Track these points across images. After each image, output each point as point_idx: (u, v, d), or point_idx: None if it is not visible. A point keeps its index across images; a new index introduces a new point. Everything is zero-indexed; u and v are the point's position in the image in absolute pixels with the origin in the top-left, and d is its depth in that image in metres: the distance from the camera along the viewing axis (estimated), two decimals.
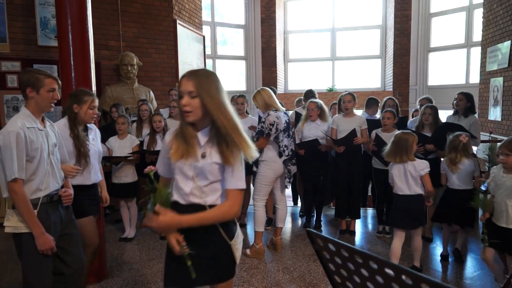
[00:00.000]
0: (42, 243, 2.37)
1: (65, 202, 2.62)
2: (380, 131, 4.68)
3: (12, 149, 2.27)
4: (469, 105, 4.91)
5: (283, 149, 4.16)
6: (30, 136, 2.35)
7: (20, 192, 2.31)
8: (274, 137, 4.09)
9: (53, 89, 2.48)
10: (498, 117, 6.58)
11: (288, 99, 9.97)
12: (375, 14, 10.87)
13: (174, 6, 7.28)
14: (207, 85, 1.77)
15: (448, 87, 9.50)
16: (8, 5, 5.60)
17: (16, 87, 5.70)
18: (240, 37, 11.24)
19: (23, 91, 2.43)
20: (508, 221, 3.09)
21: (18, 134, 2.28)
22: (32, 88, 2.41)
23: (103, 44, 6.42)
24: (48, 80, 2.45)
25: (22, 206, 2.32)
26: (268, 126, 4.03)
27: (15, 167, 2.27)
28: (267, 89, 4.24)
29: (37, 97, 2.43)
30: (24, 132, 2.31)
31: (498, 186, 3.21)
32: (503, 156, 3.11)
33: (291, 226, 5.41)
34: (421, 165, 3.68)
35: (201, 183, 1.85)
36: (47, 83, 2.45)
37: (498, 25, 6.63)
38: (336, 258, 1.15)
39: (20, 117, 2.39)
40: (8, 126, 2.32)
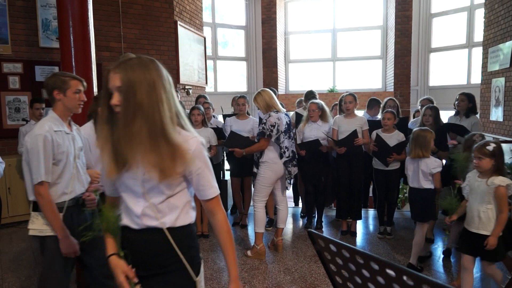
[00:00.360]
0: (66, 247, 2.38)
1: (89, 206, 2.62)
2: (380, 131, 4.68)
3: (39, 152, 2.28)
4: (470, 106, 4.92)
5: (284, 150, 4.15)
6: (57, 140, 2.36)
7: (46, 195, 2.31)
8: (275, 138, 4.09)
9: (79, 90, 2.50)
10: (500, 117, 6.56)
11: (289, 100, 9.98)
12: (375, 14, 10.87)
13: (175, 8, 7.29)
14: (138, 78, 1.44)
15: (450, 88, 9.49)
16: (10, 7, 5.62)
17: (17, 89, 5.71)
18: (240, 38, 11.25)
19: (50, 94, 2.45)
20: (479, 226, 3.02)
21: (46, 137, 2.30)
22: (59, 90, 2.43)
23: (104, 45, 6.43)
24: (74, 81, 2.48)
25: (48, 209, 2.33)
26: (269, 127, 4.03)
27: (41, 170, 2.28)
28: (268, 90, 4.24)
29: (64, 99, 2.45)
30: (51, 136, 2.33)
31: (472, 191, 3.12)
32: (476, 160, 3.01)
33: (292, 227, 5.41)
34: (433, 163, 3.83)
35: (154, 200, 1.52)
36: (73, 85, 2.47)
37: (500, 25, 6.62)
38: (337, 258, 1.15)
39: (48, 120, 2.41)
40: (35, 129, 2.34)
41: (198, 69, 8.28)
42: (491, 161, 2.95)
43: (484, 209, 3.00)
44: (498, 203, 2.95)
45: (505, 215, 2.93)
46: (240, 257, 4.31)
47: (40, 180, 2.28)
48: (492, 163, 2.95)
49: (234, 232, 5.15)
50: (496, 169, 2.96)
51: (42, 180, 2.28)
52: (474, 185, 3.09)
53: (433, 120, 4.51)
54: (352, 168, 4.79)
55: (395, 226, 5.18)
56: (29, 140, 2.31)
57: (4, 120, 5.62)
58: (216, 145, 4.82)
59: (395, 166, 4.70)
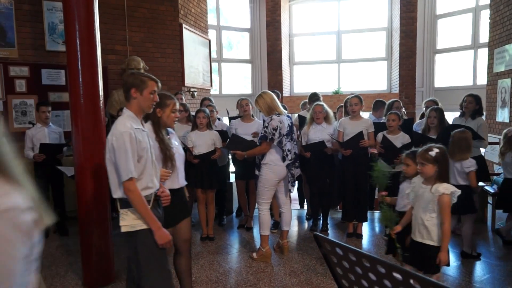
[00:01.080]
0: (160, 237, 2.44)
1: (164, 203, 2.69)
2: (385, 133, 4.67)
3: (127, 150, 2.35)
4: (477, 108, 4.90)
5: (286, 153, 4.12)
6: (138, 137, 2.43)
7: (135, 190, 2.38)
8: (277, 141, 4.08)
9: (154, 91, 2.55)
10: (506, 118, 6.53)
11: (293, 102, 9.98)
12: (380, 16, 10.85)
13: (180, 11, 7.32)
14: None
15: (455, 89, 9.46)
16: (17, 11, 5.66)
17: (24, 92, 5.75)
18: (245, 40, 11.27)
19: (127, 91, 2.52)
20: (424, 235, 2.89)
21: (130, 134, 2.37)
22: (137, 89, 2.49)
23: (109, 48, 6.47)
24: (151, 82, 2.53)
25: (139, 203, 2.39)
26: (271, 131, 4.01)
27: (130, 166, 2.35)
28: (269, 93, 4.20)
29: (140, 98, 2.51)
30: (133, 133, 2.39)
31: (417, 198, 2.97)
32: (419, 165, 2.89)
33: (298, 229, 5.40)
34: (467, 163, 3.96)
35: None
36: (150, 85, 2.52)
37: (505, 26, 6.60)
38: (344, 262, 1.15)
39: (127, 118, 2.48)
40: (118, 127, 2.40)
41: (203, 71, 8.30)
42: (434, 167, 2.82)
43: (428, 218, 2.86)
44: (441, 212, 2.80)
45: (447, 225, 2.79)
46: (246, 260, 4.30)
47: (130, 177, 2.35)
48: (435, 169, 2.82)
49: (239, 235, 5.16)
50: (439, 176, 2.83)
51: (131, 176, 2.35)
52: (419, 192, 2.95)
53: (438, 121, 4.50)
54: (357, 170, 4.78)
55: None
56: (114, 138, 2.37)
57: (10, 123, 5.66)
58: (221, 147, 4.83)
59: (401, 168, 4.67)
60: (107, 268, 3.71)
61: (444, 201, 2.77)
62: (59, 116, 6.02)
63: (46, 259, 4.37)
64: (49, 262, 4.29)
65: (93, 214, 3.62)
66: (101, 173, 3.60)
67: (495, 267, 4.02)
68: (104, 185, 3.62)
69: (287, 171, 4.19)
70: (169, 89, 7.13)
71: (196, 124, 4.77)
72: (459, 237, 4.52)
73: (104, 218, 3.68)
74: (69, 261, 4.32)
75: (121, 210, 2.48)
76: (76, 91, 3.50)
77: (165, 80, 7.21)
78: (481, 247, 4.55)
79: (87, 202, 3.59)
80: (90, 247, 3.62)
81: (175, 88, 7.10)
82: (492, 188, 5.21)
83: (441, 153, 2.84)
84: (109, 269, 3.75)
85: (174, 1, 7.22)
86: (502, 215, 5.30)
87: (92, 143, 3.58)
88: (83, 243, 3.66)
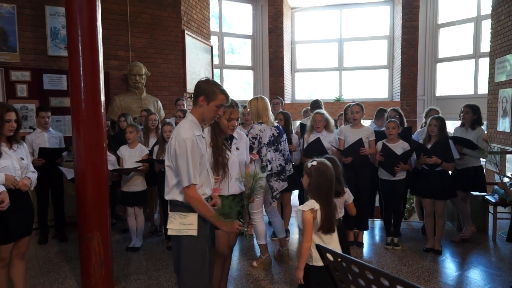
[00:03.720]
0: (231, 229, 2.55)
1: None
2: (385, 141, 4.66)
3: (188, 156, 2.37)
4: (475, 117, 4.89)
5: (266, 163, 4.05)
6: (199, 144, 2.45)
7: (196, 196, 2.42)
8: (256, 150, 3.99)
9: (221, 105, 2.57)
10: (507, 128, 6.52)
11: (295, 109, 9.98)
12: (382, 24, 10.89)
13: (182, 17, 7.34)
14: None
15: (456, 98, 9.46)
16: (19, 15, 5.68)
17: (25, 97, 5.74)
18: (247, 47, 11.30)
19: (195, 97, 2.55)
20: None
21: (193, 141, 2.40)
22: (205, 98, 2.50)
23: (112, 54, 6.48)
24: (221, 96, 2.53)
25: (202, 208, 2.44)
26: (250, 139, 3.96)
27: (191, 173, 2.37)
28: (265, 100, 4.15)
29: (205, 107, 2.52)
30: (196, 140, 2.42)
31: None
32: None
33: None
34: None
35: None
36: (219, 99, 2.52)
37: (506, 36, 6.61)
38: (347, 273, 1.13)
39: (190, 124, 2.50)
40: (182, 133, 2.42)
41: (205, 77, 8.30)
42: (307, 180, 2.68)
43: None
44: (303, 229, 2.63)
45: (306, 245, 2.57)
46: (246, 268, 4.27)
47: (191, 183, 2.38)
48: (307, 182, 2.68)
49: (240, 243, 5.13)
50: (310, 190, 2.67)
51: (192, 183, 2.38)
52: None
53: (438, 130, 4.49)
54: (358, 178, 4.75)
55: (402, 237, 5.13)
56: (177, 144, 2.40)
57: None
58: None
59: (402, 176, 4.67)
60: (107, 275, 3.68)
61: (303, 218, 2.59)
62: (60, 121, 6.02)
63: (45, 265, 4.34)
64: (47, 268, 4.27)
65: (93, 220, 3.59)
66: (101, 179, 3.58)
67: (496, 277, 3.98)
68: (104, 190, 3.61)
69: (266, 182, 4.00)
70: (171, 95, 7.14)
71: None
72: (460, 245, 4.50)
73: (104, 224, 3.65)
74: (68, 267, 4.29)
75: (170, 213, 2.51)
76: (77, 96, 3.49)
77: (166, 86, 7.22)
78: (482, 256, 4.53)
79: (86, 207, 3.56)
80: (89, 253, 3.60)
81: (177, 94, 7.10)
82: (493, 198, 5.19)
83: (316, 167, 2.63)
84: (109, 276, 3.72)
85: (177, 8, 7.25)
86: (503, 224, 5.27)
87: (93, 148, 3.56)
88: (82, 249, 3.63)
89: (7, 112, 3.05)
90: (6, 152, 3.07)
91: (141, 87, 6.55)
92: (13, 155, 3.11)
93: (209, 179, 2.64)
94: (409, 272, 4.08)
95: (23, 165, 3.18)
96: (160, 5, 7.08)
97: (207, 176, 2.60)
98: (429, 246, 4.62)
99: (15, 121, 3.10)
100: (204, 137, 2.58)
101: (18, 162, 3.12)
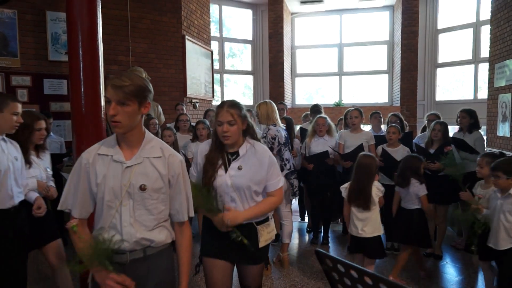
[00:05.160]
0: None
1: None
2: (385, 146, 4.66)
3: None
4: (472, 122, 4.89)
5: (285, 162, 4.15)
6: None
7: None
8: (277, 150, 4.10)
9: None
10: (507, 133, 6.52)
11: (295, 114, 9.98)
12: (382, 29, 10.93)
13: (183, 22, 7.37)
14: None
15: (456, 103, 9.46)
16: (20, 20, 5.70)
17: (26, 102, 5.75)
18: (248, 52, 11.33)
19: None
20: None
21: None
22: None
23: (112, 59, 6.49)
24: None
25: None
26: (270, 139, 4.05)
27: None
28: (273, 104, 4.30)
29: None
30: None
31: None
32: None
33: (298, 242, 5.37)
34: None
35: None
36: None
37: (506, 41, 6.62)
38: (346, 279, 1.13)
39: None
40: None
41: (205, 82, 8.33)
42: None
43: None
44: None
45: None
46: None
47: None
48: None
49: None
50: None
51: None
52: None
53: (441, 135, 4.49)
54: None
55: None
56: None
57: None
58: None
59: None
60: None
61: None
62: (60, 126, 6.02)
63: (45, 270, 4.33)
64: (47, 272, 4.25)
65: (92, 225, 3.58)
66: None
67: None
68: None
69: (286, 180, 4.17)
70: (171, 100, 7.15)
71: (197, 135, 4.77)
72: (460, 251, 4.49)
73: None
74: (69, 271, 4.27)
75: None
76: (77, 101, 3.50)
77: (167, 90, 7.23)
78: None
79: None
80: None
81: (177, 99, 7.11)
82: None
83: None
84: None
85: (177, 13, 7.28)
86: None
87: None
88: None
89: (38, 120, 3.06)
90: (35, 161, 3.07)
91: None
92: (40, 164, 3.12)
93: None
94: (409, 277, 4.07)
95: (49, 175, 3.19)
96: (161, 11, 7.11)
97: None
98: (430, 251, 4.61)
99: (45, 129, 3.11)
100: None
101: (44, 172, 3.13)
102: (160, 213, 1.86)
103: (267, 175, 2.37)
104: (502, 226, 3.04)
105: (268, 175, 2.37)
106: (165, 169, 1.83)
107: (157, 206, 1.83)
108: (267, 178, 2.38)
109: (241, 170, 2.33)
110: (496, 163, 3.13)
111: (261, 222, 2.42)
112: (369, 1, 10.34)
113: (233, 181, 2.31)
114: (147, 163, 1.81)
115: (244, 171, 2.33)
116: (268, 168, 2.37)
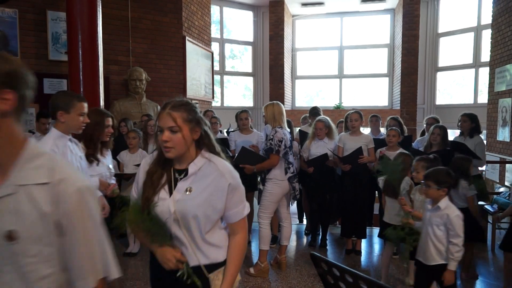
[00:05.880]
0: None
1: None
2: (385, 149, 4.65)
3: None
4: (473, 126, 4.88)
5: (289, 166, 4.14)
6: None
7: None
8: (283, 153, 4.08)
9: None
10: (507, 137, 6.52)
11: (295, 116, 9.97)
12: (383, 33, 10.94)
13: (183, 23, 7.37)
14: None
15: (456, 107, 9.47)
16: (21, 20, 5.70)
17: None
18: (248, 53, 11.34)
19: None
20: None
21: None
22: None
23: (112, 59, 6.49)
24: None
25: None
26: (277, 142, 4.02)
27: None
28: (281, 106, 4.25)
29: None
30: None
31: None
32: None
33: (296, 244, 5.35)
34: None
35: None
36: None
37: (506, 46, 6.63)
38: (341, 283, 1.13)
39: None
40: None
41: (205, 83, 8.33)
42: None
43: None
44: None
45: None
46: (242, 275, 4.25)
47: None
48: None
49: None
50: None
51: None
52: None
53: (441, 139, 4.48)
54: (357, 186, 4.75)
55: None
56: None
57: None
58: None
59: None
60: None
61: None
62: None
63: None
64: None
65: None
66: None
67: None
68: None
69: (289, 184, 4.17)
70: None
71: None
72: None
73: None
74: None
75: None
76: None
77: (166, 91, 7.23)
78: (481, 266, 4.51)
79: None
80: None
81: None
82: (492, 208, 5.17)
83: None
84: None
85: (178, 14, 7.28)
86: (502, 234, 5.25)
87: None
88: None
89: (107, 117, 3.06)
90: (101, 159, 3.07)
91: (141, 92, 6.56)
92: (104, 162, 3.11)
93: None
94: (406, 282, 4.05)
95: (112, 172, 3.18)
96: (161, 11, 7.12)
97: None
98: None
99: (112, 126, 3.11)
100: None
101: (108, 170, 3.13)
102: (42, 279, 1.16)
103: (228, 202, 1.74)
104: (429, 241, 2.86)
105: (228, 202, 1.74)
106: (49, 204, 1.13)
107: (36, 268, 1.15)
108: (227, 206, 1.75)
109: (190, 193, 1.71)
110: (428, 171, 2.94)
111: (213, 268, 1.76)
112: (370, 4, 10.35)
113: (178, 207, 1.69)
114: (22, 194, 1.12)
115: (193, 194, 1.71)
116: (229, 193, 1.73)
